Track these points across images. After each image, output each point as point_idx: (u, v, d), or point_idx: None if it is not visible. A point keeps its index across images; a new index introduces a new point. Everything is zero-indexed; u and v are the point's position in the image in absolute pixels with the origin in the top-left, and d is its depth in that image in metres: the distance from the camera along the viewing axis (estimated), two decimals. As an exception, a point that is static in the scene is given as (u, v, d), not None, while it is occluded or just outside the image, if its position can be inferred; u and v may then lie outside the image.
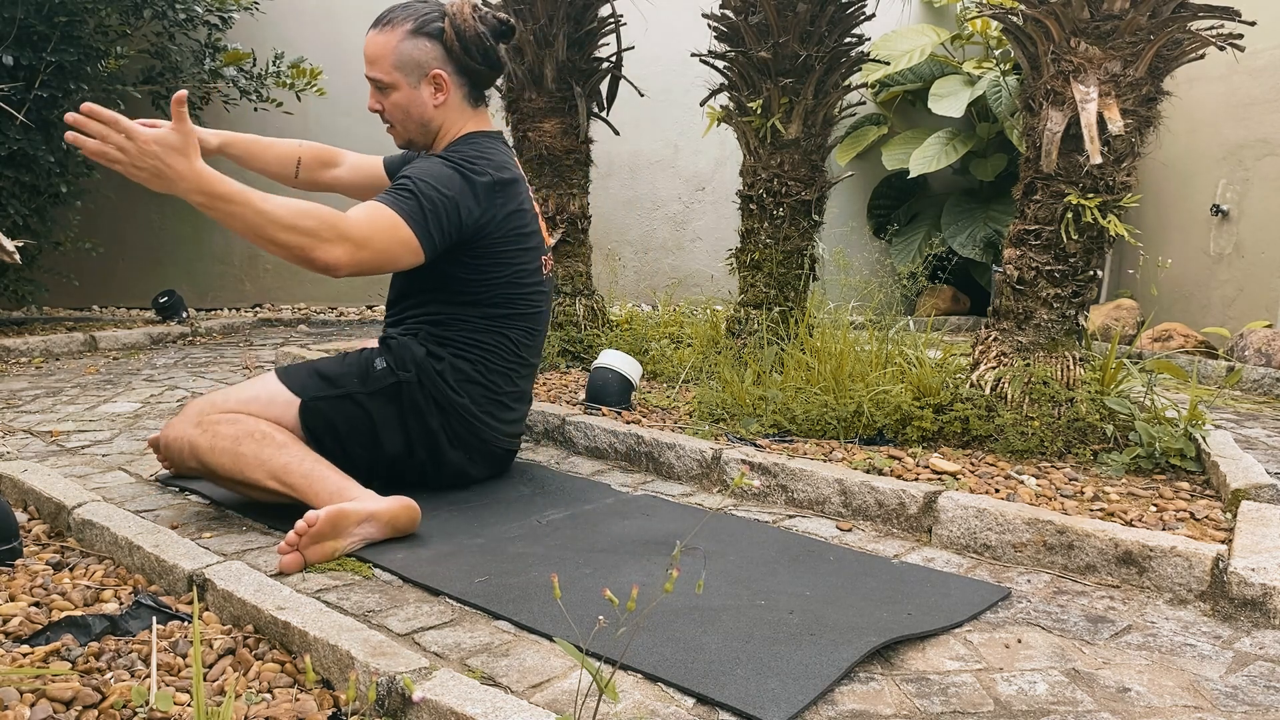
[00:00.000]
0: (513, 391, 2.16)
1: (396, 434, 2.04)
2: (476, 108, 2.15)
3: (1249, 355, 4.05)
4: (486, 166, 2.02)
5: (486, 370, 2.09)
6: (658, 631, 1.44)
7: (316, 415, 1.98)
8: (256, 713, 1.20)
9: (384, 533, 1.81)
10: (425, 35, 2.04)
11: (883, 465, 2.22)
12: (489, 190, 2.00)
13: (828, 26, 3.02)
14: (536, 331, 2.19)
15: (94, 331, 4.34)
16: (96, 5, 4.16)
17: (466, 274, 2.05)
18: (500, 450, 2.20)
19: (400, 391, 2.03)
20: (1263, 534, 1.75)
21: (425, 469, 2.11)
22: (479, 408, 2.09)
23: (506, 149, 2.17)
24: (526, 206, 2.12)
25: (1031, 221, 2.44)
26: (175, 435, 1.93)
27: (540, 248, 2.16)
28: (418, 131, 2.12)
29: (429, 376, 2.03)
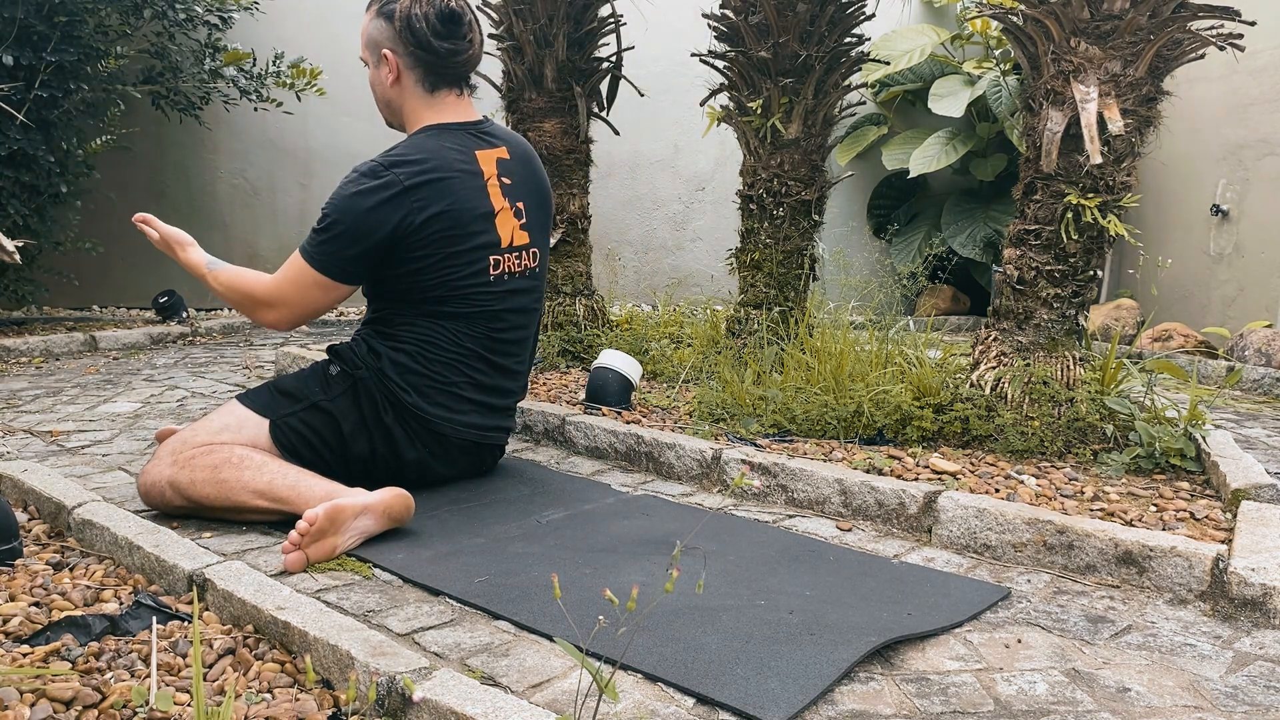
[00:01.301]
0: (466, 383, 2.10)
1: (360, 434, 2.05)
2: (434, 93, 2.13)
3: (1249, 355, 4.05)
4: (401, 174, 1.99)
5: (427, 361, 2.06)
6: (658, 631, 1.44)
7: (288, 431, 2.01)
8: (256, 713, 1.20)
9: (381, 524, 1.82)
10: (382, 15, 2.11)
11: (883, 465, 2.22)
12: (406, 195, 1.99)
13: (828, 26, 3.02)
14: (496, 328, 2.13)
15: (94, 331, 4.34)
16: (96, 5, 4.16)
17: (399, 273, 2.05)
18: (464, 443, 2.15)
19: (358, 389, 2.04)
20: (1263, 534, 1.75)
21: (390, 467, 2.10)
22: (426, 400, 2.06)
23: (456, 144, 2.10)
24: (467, 208, 2.05)
25: (1031, 221, 2.44)
26: (152, 480, 1.92)
27: (489, 246, 2.09)
28: (386, 111, 2.21)
29: (374, 371, 2.05)
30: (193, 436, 1.96)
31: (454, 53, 2.11)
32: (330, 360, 2.10)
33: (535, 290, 2.23)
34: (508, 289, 2.14)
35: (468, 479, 2.26)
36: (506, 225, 2.13)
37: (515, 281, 2.16)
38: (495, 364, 2.16)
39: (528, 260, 2.19)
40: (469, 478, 2.26)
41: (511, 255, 2.15)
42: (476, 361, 2.12)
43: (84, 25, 4.10)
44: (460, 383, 2.10)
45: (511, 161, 2.18)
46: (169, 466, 1.91)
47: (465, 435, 2.13)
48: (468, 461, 2.22)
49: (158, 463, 1.94)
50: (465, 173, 2.08)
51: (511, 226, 2.14)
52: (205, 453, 1.91)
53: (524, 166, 2.22)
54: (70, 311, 5.32)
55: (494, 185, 2.12)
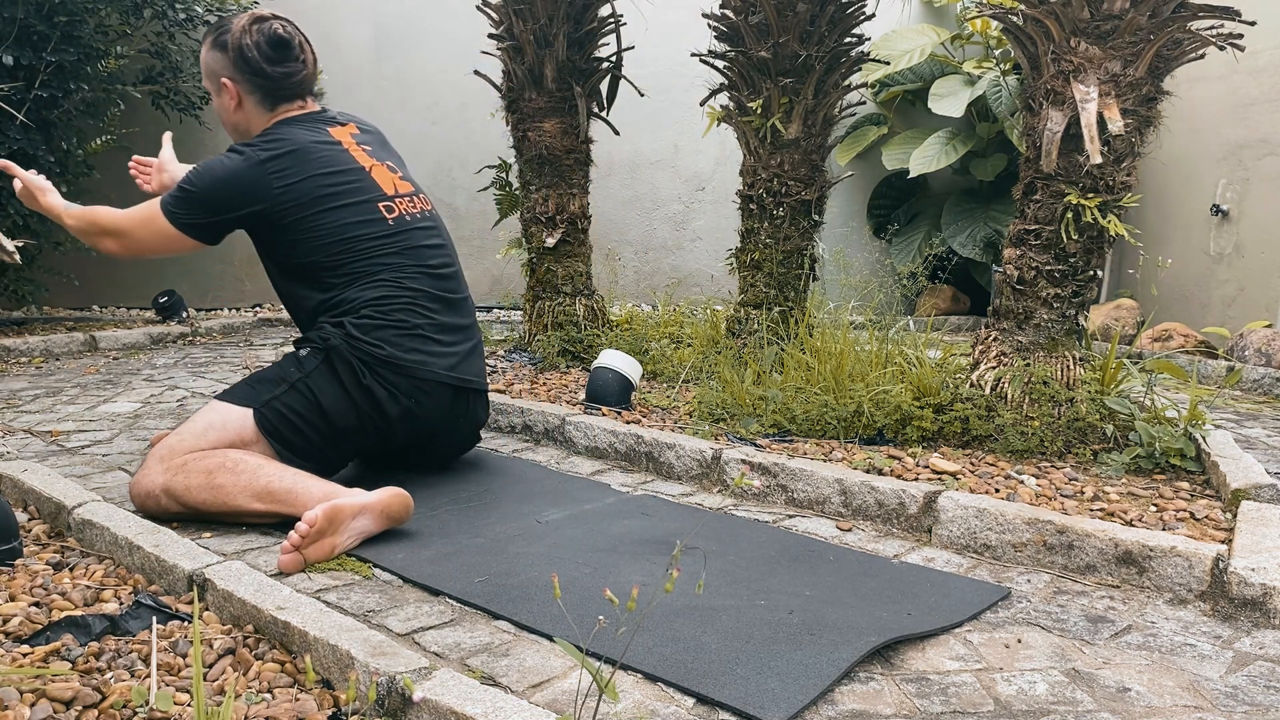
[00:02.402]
0: (428, 324, 2.15)
1: (343, 404, 2.06)
2: (274, 110, 2.24)
3: (1249, 355, 4.05)
4: (260, 149, 2.12)
5: (386, 313, 2.10)
6: (658, 631, 1.44)
7: (272, 417, 2.01)
8: (256, 713, 1.20)
9: (380, 524, 1.82)
10: (217, 46, 2.22)
11: (883, 465, 2.22)
12: (261, 166, 2.09)
13: (828, 26, 3.02)
14: (429, 265, 2.20)
15: (94, 331, 4.34)
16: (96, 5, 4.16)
17: (302, 250, 2.12)
18: (443, 385, 2.16)
19: (332, 360, 2.06)
20: (1263, 534, 1.75)
21: (379, 431, 2.12)
22: (399, 349, 2.09)
23: (307, 125, 2.21)
24: (334, 168, 2.15)
25: (1031, 221, 2.44)
26: (146, 489, 1.92)
27: (374, 196, 2.18)
28: (234, 134, 2.31)
29: (343, 338, 2.07)
30: (180, 442, 1.95)
31: (287, 75, 2.22)
32: (299, 346, 2.14)
33: (440, 230, 2.33)
34: (415, 228, 2.23)
35: (462, 438, 2.30)
36: (384, 177, 2.24)
37: (419, 222, 2.25)
38: (444, 300, 2.21)
39: (422, 204, 2.30)
40: (461, 431, 2.28)
41: (402, 200, 2.24)
42: (428, 301, 2.17)
43: (84, 25, 4.10)
44: (423, 325, 2.14)
45: (363, 135, 2.32)
46: (162, 473, 1.91)
47: (443, 377, 2.15)
48: (453, 408, 2.21)
49: (149, 470, 1.93)
50: (323, 143, 2.19)
51: (390, 178, 2.25)
52: (199, 458, 1.91)
53: (376, 137, 2.36)
54: (70, 311, 5.32)
55: (355, 149, 2.24)
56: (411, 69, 5.83)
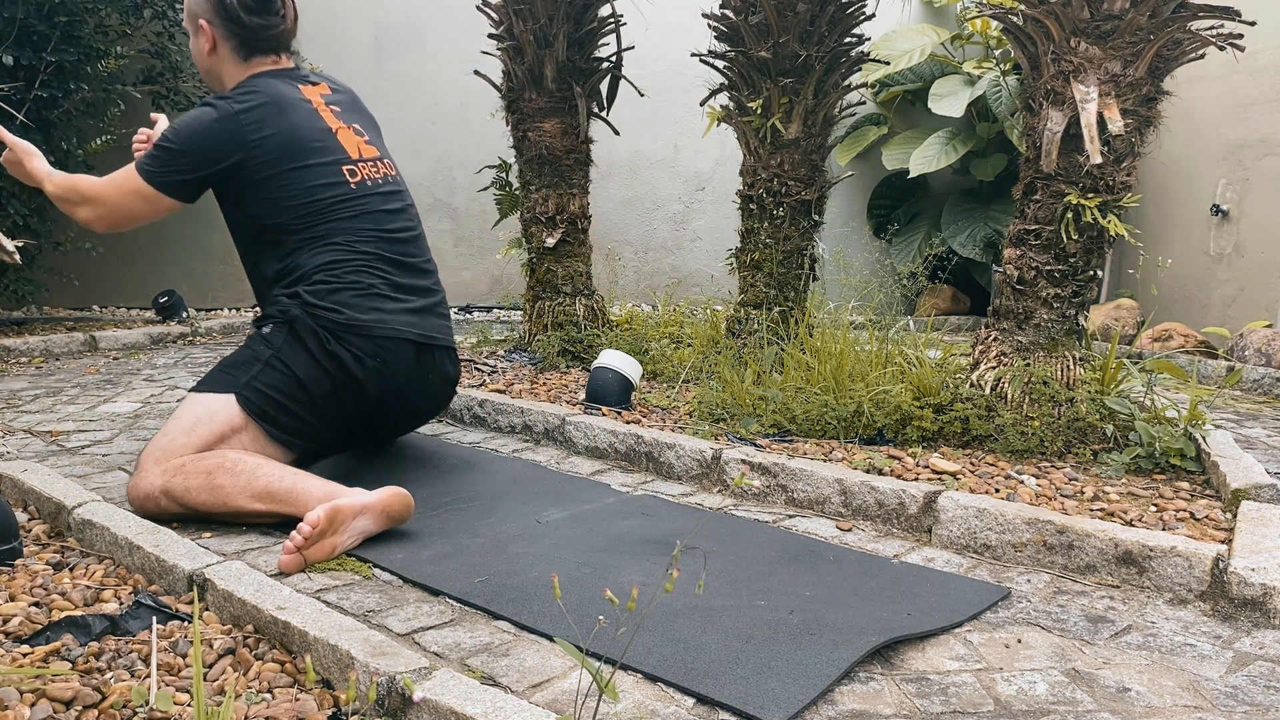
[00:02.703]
0: (382, 283, 2.15)
1: (316, 373, 2.07)
2: (248, 60, 2.25)
3: (1249, 355, 4.05)
4: (233, 101, 2.13)
5: (339, 275, 2.11)
6: (658, 631, 1.44)
7: (254, 396, 2.02)
8: (256, 713, 1.20)
9: (380, 523, 1.82)
10: None
11: (883, 465, 2.22)
12: (235, 119, 2.10)
13: (828, 26, 3.02)
14: (386, 230, 2.20)
15: (94, 331, 4.34)
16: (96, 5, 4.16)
17: (268, 211, 2.12)
18: (406, 342, 2.16)
19: (296, 331, 2.07)
20: (1263, 534, 1.75)
21: (356, 398, 2.12)
22: (357, 310, 2.10)
23: (281, 80, 2.22)
24: (299, 123, 2.16)
25: (1031, 221, 2.44)
26: (145, 492, 1.91)
27: (338, 159, 2.19)
28: (207, 78, 2.32)
29: (301, 307, 2.08)
30: (170, 442, 1.95)
31: (265, 28, 2.23)
32: (261, 323, 2.15)
33: (403, 194, 2.32)
34: (375, 193, 2.23)
35: (434, 395, 2.30)
36: (349, 140, 2.25)
37: (380, 187, 2.25)
38: (400, 263, 2.21)
39: (385, 169, 2.30)
40: (432, 387, 2.28)
41: (365, 164, 2.25)
42: (381, 264, 2.17)
43: (84, 25, 4.10)
44: (377, 284, 2.15)
45: (334, 95, 2.33)
46: (159, 475, 1.90)
47: (405, 333, 2.16)
48: (419, 363, 2.21)
49: (146, 473, 1.92)
50: (294, 99, 2.20)
51: (355, 141, 2.26)
52: (197, 459, 1.91)
53: (347, 99, 2.37)
54: (70, 311, 5.32)
55: (324, 109, 2.25)
56: (411, 69, 5.83)
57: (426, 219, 5.93)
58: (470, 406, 2.91)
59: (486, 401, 2.87)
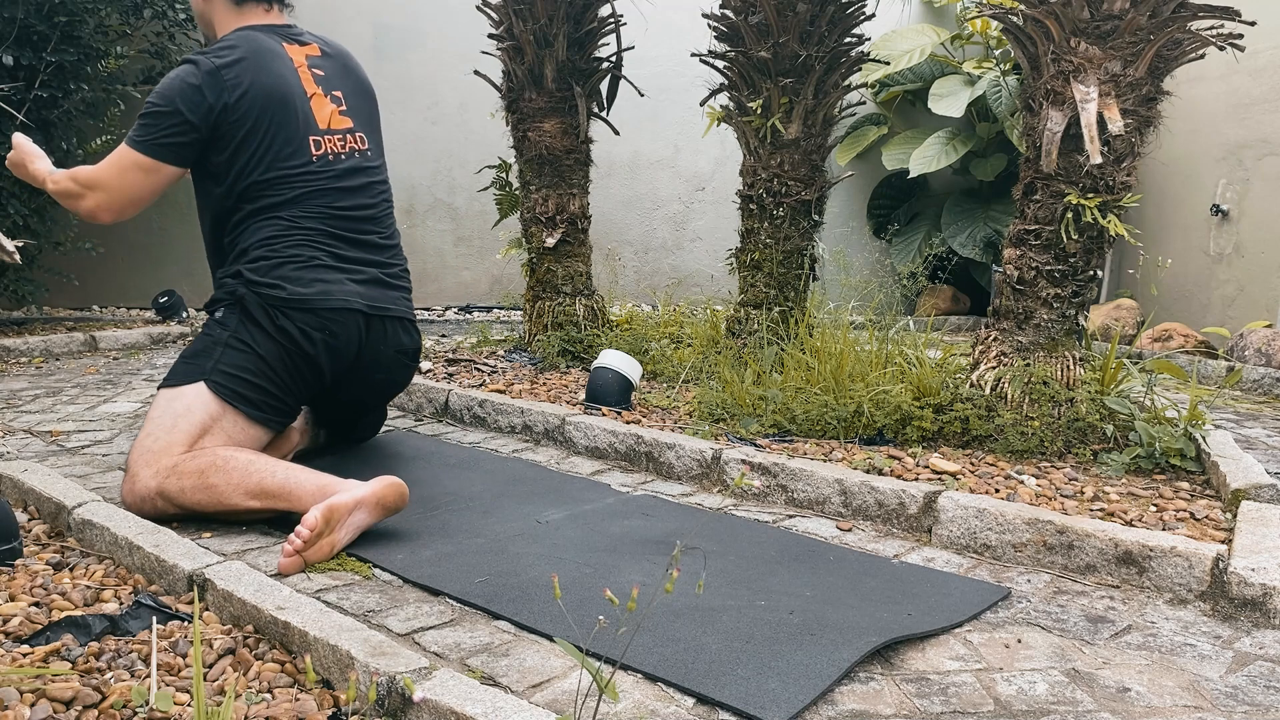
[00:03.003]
0: (325, 255, 2.14)
1: (272, 346, 2.07)
2: (241, 7, 2.24)
3: (1249, 355, 4.04)
4: (212, 57, 2.11)
5: (280, 250, 2.10)
6: (658, 631, 1.44)
7: (223, 379, 2.02)
8: (256, 713, 1.19)
9: (376, 515, 1.82)
10: None
11: (883, 465, 2.22)
12: (215, 74, 2.08)
13: (828, 26, 3.02)
14: (338, 207, 2.17)
15: (94, 331, 4.34)
16: (96, 5, 4.16)
17: (225, 173, 2.11)
18: (353, 312, 2.14)
19: (245, 310, 2.07)
20: (1263, 534, 1.75)
21: (310, 367, 2.11)
22: (299, 284, 2.09)
23: (266, 35, 2.20)
24: (275, 83, 2.13)
25: (1031, 221, 2.44)
26: (141, 495, 1.91)
27: (307, 126, 2.16)
28: (201, 25, 2.32)
29: (245, 285, 2.08)
30: (154, 442, 1.94)
31: None
32: (212, 309, 2.15)
33: (371, 171, 2.28)
34: (335, 169, 2.20)
35: (390, 367, 2.29)
36: (323, 109, 2.22)
37: (342, 162, 2.22)
38: (346, 238, 2.19)
39: (355, 143, 2.26)
40: (385, 360, 2.26)
41: (333, 137, 2.22)
42: (325, 239, 2.16)
43: (84, 25, 4.10)
44: (320, 256, 2.14)
45: (323, 59, 2.30)
46: (152, 477, 1.90)
47: (351, 304, 2.14)
48: (369, 335, 2.19)
49: (138, 477, 1.92)
50: (275, 56, 2.18)
51: (329, 111, 2.23)
52: (188, 459, 1.90)
53: (337, 63, 2.32)
54: (70, 311, 5.32)
55: (305, 72, 2.22)
56: (411, 69, 5.83)
57: (426, 219, 5.93)
58: (470, 406, 2.91)
59: (486, 401, 2.87)
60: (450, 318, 5.76)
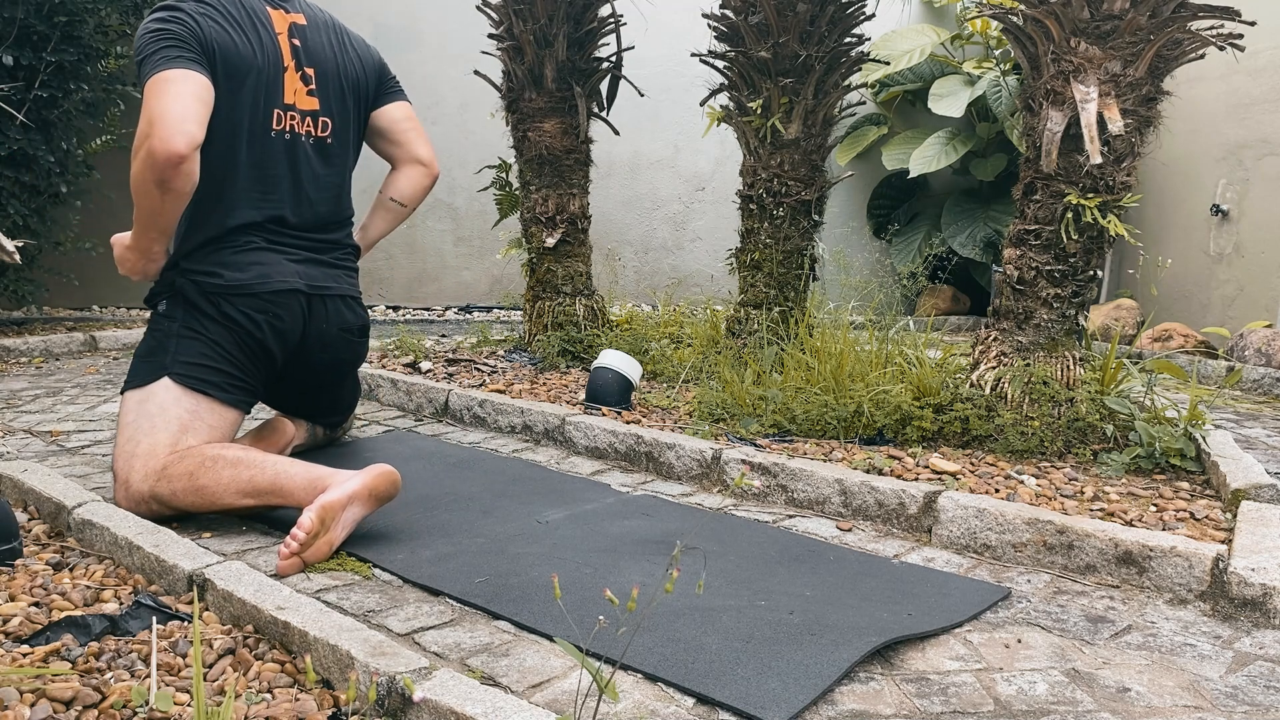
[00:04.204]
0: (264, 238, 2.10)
1: (220, 331, 2.05)
2: None
3: (1249, 355, 4.05)
4: (190, 5, 2.03)
5: (215, 238, 2.06)
6: (658, 631, 1.44)
7: (185, 370, 2.01)
8: (256, 713, 1.20)
9: (369, 506, 1.81)
10: None
11: (883, 465, 2.22)
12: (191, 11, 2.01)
13: (828, 26, 3.02)
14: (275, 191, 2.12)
15: (94, 331, 4.34)
16: (96, 5, 4.16)
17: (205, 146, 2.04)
18: (288, 291, 2.11)
19: (186, 301, 2.06)
20: (1263, 534, 1.75)
21: (260, 350, 2.10)
22: (236, 269, 2.06)
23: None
24: (249, 46, 2.07)
25: (1031, 221, 2.44)
26: (135, 498, 1.91)
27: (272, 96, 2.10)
28: None
29: (182, 276, 2.07)
30: (136, 446, 1.94)
31: None
32: (153, 303, 2.13)
33: (329, 157, 2.22)
34: (290, 150, 2.15)
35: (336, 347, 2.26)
36: (292, 84, 2.15)
37: (300, 144, 2.17)
38: (283, 220, 2.15)
39: (313, 127, 2.19)
40: (331, 339, 2.23)
41: (294, 116, 2.15)
42: (268, 222, 2.12)
43: (84, 25, 4.10)
44: (255, 239, 2.11)
45: (308, 29, 2.22)
46: (143, 482, 1.90)
47: (290, 283, 2.12)
48: (310, 314, 2.17)
49: (129, 482, 1.91)
50: (255, 19, 2.12)
51: (295, 87, 2.16)
52: (176, 461, 1.90)
53: (321, 36, 2.24)
54: (70, 311, 5.32)
55: (284, 40, 2.16)
56: (411, 69, 5.82)
57: (426, 219, 5.93)
58: (470, 406, 2.91)
59: (486, 401, 2.87)
60: (450, 318, 5.76)
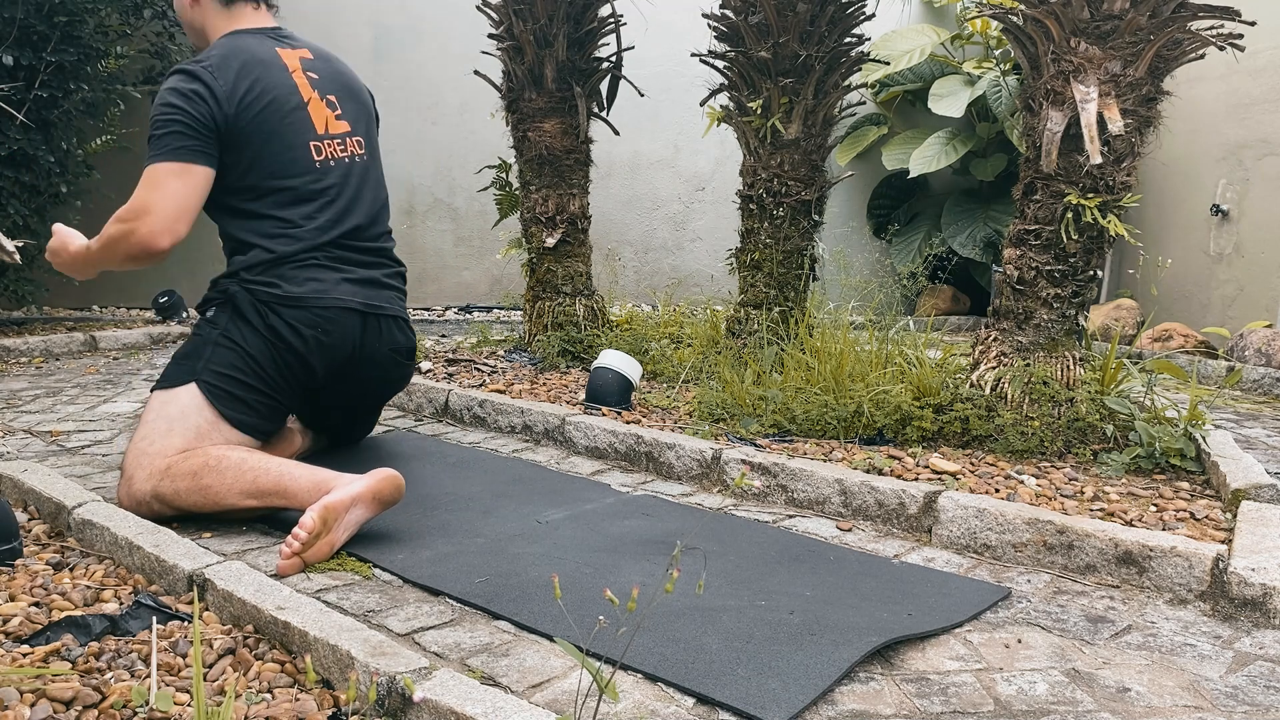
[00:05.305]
0: (324, 257, 2.13)
1: (262, 346, 2.06)
2: (230, 7, 2.24)
3: (1249, 355, 4.05)
4: (207, 67, 2.09)
5: (278, 247, 2.09)
6: (658, 631, 1.44)
7: (215, 380, 2.02)
8: (256, 713, 1.19)
9: (372, 509, 1.81)
10: None
11: (883, 465, 2.22)
12: (208, 84, 2.06)
13: (828, 26, 3.02)
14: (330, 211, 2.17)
15: (94, 331, 4.34)
16: (96, 5, 4.16)
17: (227, 178, 2.10)
18: (343, 309, 2.14)
19: (237, 309, 2.07)
20: (1263, 534, 1.75)
21: (302, 367, 2.11)
22: (293, 283, 2.09)
23: (258, 40, 2.20)
24: (271, 89, 2.13)
25: (1031, 221, 2.44)
26: (136, 497, 1.91)
27: (307, 131, 2.17)
28: (192, 35, 2.31)
29: (238, 284, 2.09)
30: (149, 445, 1.94)
31: None
32: (203, 308, 2.15)
33: (366, 173, 2.29)
34: (335, 173, 2.20)
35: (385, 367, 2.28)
36: (319, 113, 2.22)
37: (344, 167, 2.23)
38: (346, 244, 2.19)
39: (353, 147, 2.26)
40: (381, 359, 2.25)
41: (333, 142, 2.22)
42: (328, 244, 2.15)
43: (84, 25, 4.10)
44: (318, 258, 2.14)
45: (315, 60, 2.29)
46: (146, 479, 1.90)
47: (347, 302, 2.14)
48: (364, 334, 2.19)
49: (133, 480, 1.91)
50: (268, 62, 2.18)
51: (325, 115, 2.23)
52: (181, 460, 1.90)
53: (328, 65, 2.32)
54: (70, 311, 5.32)
55: (300, 76, 2.21)
56: (411, 69, 5.83)
57: (426, 219, 5.93)
58: (470, 406, 2.91)
59: (486, 401, 2.87)
60: (450, 318, 5.76)
